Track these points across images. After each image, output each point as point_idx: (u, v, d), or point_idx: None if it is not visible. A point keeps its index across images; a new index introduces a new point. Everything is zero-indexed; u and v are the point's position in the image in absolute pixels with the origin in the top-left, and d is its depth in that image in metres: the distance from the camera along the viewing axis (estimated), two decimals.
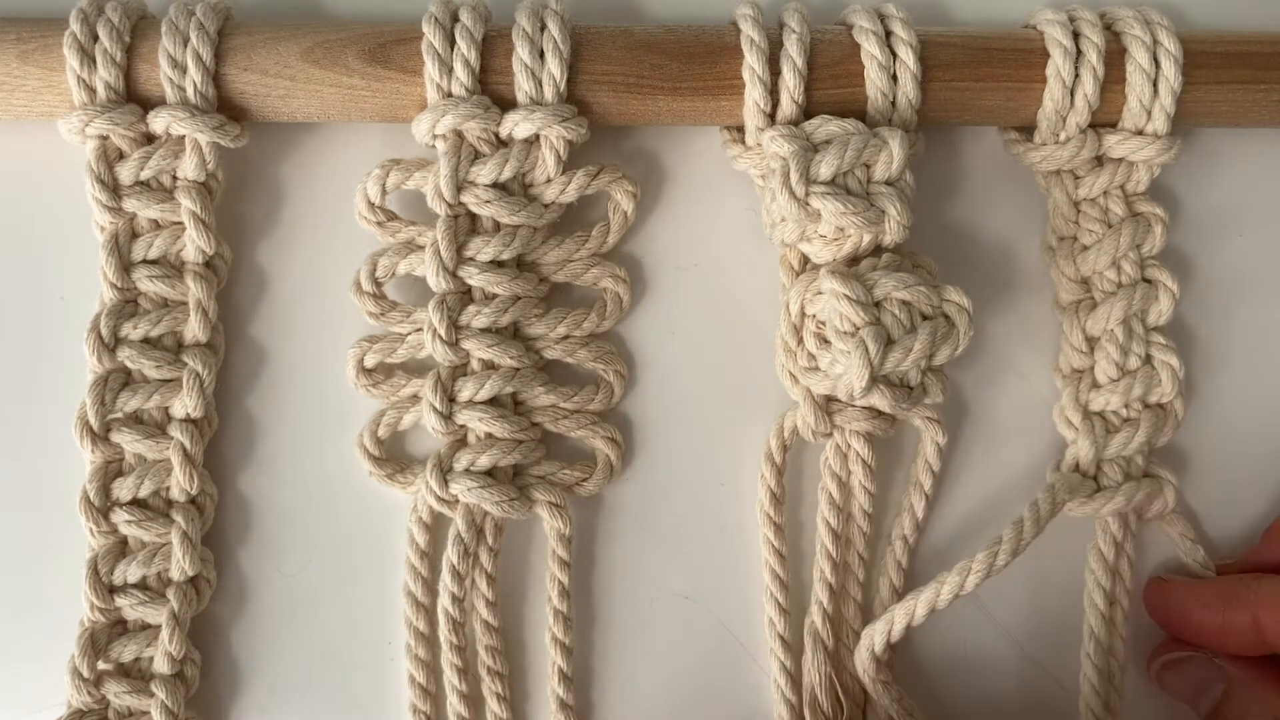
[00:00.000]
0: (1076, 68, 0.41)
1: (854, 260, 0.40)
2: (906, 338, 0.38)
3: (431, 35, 0.40)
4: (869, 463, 0.41)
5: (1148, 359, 0.42)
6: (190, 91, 0.41)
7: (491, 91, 0.41)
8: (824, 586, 0.41)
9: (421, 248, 0.41)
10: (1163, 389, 0.42)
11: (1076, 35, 0.41)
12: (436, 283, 0.41)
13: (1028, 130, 0.43)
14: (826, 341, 0.39)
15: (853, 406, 0.41)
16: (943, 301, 0.38)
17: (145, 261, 0.41)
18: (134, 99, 0.41)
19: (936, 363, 0.38)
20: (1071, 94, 0.41)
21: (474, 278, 0.41)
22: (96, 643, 0.40)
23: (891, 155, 0.39)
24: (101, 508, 0.40)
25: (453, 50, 0.41)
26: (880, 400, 0.38)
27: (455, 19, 0.41)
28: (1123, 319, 0.42)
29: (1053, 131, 0.42)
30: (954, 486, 0.43)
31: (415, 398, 0.42)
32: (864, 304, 0.38)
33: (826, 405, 0.41)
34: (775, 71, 0.41)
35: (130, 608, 0.40)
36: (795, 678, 0.41)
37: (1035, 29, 0.42)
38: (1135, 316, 0.42)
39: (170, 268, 0.42)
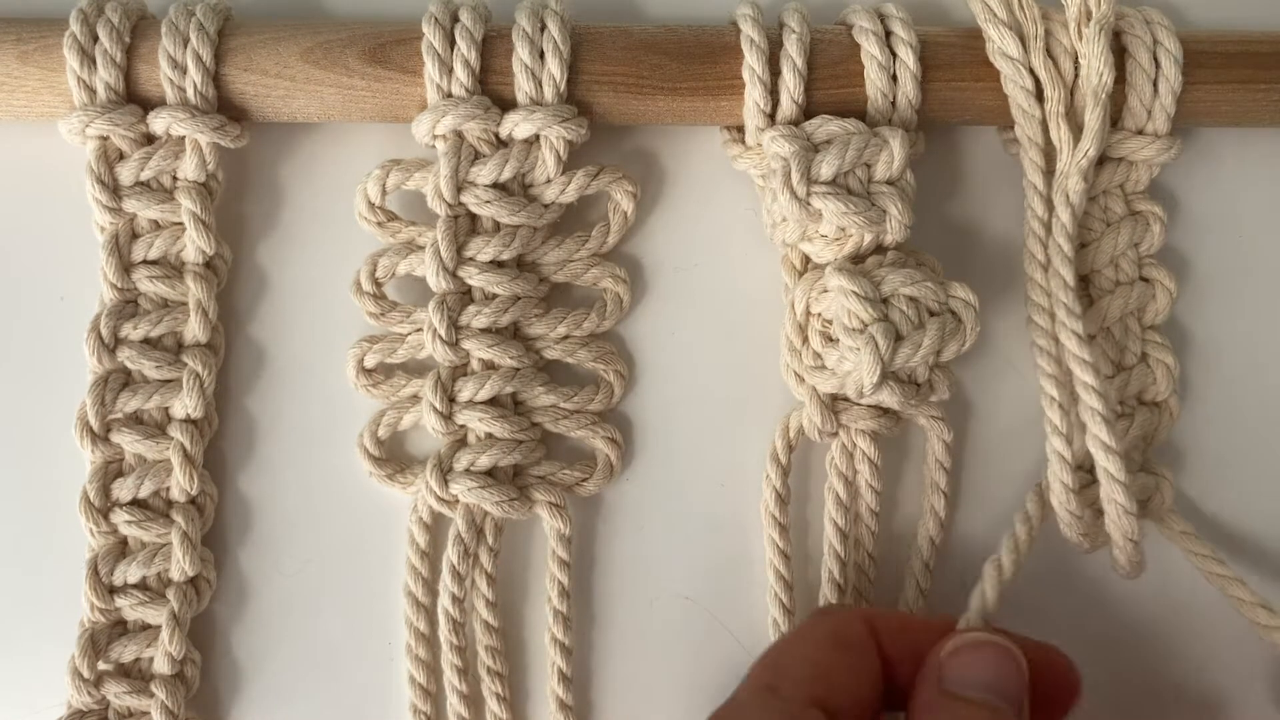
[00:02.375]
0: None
1: (856, 259, 0.40)
2: (915, 333, 0.38)
3: (431, 35, 0.40)
4: (876, 462, 0.41)
5: (1143, 357, 0.42)
6: (190, 92, 0.41)
7: (491, 91, 0.41)
8: (832, 586, 0.41)
9: (421, 248, 0.41)
10: (1158, 387, 0.42)
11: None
12: (436, 283, 0.41)
13: None
14: (832, 340, 0.39)
15: (859, 405, 0.41)
16: (949, 298, 0.38)
17: (145, 262, 0.41)
18: (134, 99, 0.41)
19: (944, 359, 0.38)
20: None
21: (474, 278, 0.41)
22: (96, 643, 0.40)
23: (892, 155, 0.39)
24: (101, 508, 0.40)
25: (453, 50, 0.41)
26: (889, 397, 0.38)
27: (455, 19, 0.41)
28: (1119, 317, 0.42)
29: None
30: (958, 485, 0.42)
31: (415, 398, 0.42)
32: (872, 300, 0.38)
33: (832, 404, 0.41)
34: (775, 71, 0.41)
35: (130, 608, 0.40)
36: None
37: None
38: (1132, 315, 0.42)
39: (170, 268, 0.42)
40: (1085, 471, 0.40)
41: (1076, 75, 0.41)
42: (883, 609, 0.37)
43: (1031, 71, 0.41)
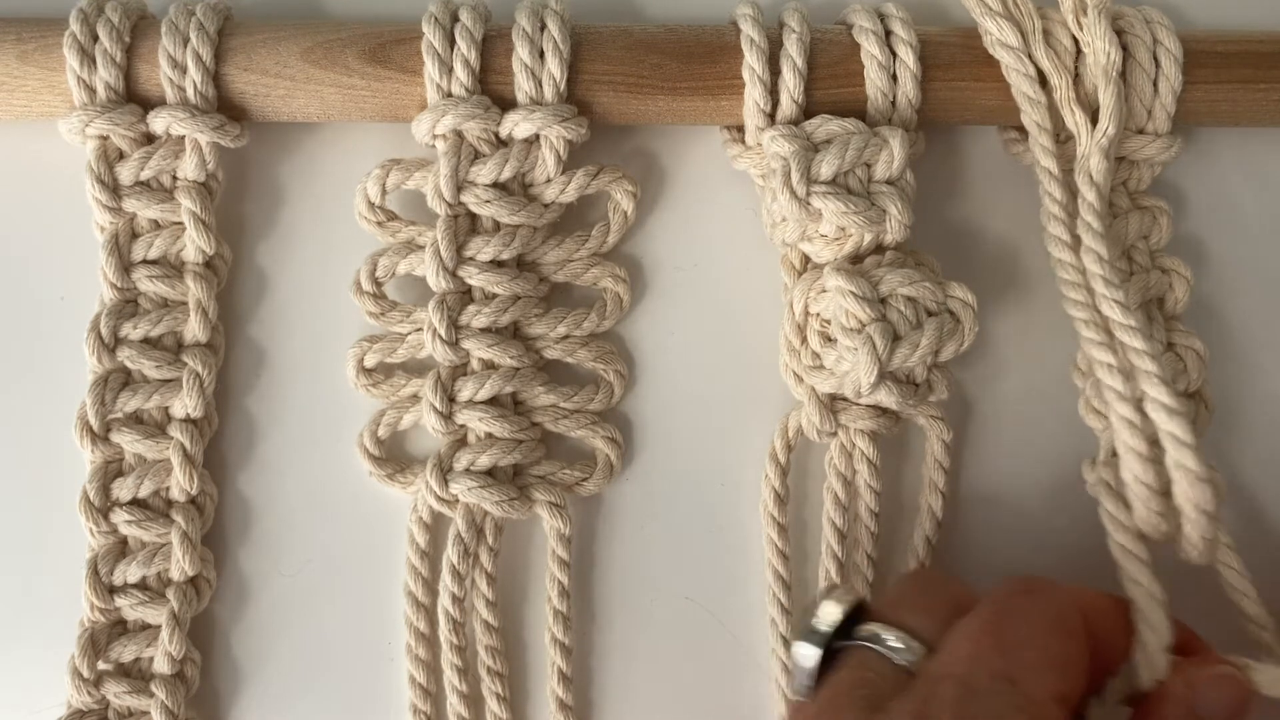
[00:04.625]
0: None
1: (856, 260, 0.40)
2: (913, 334, 0.38)
3: (431, 35, 0.40)
4: (874, 462, 0.41)
5: (1170, 345, 0.42)
6: (190, 92, 0.41)
7: (491, 91, 0.41)
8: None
9: (421, 248, 0.41)
10: (1189, 376, 0.41)
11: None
12: (436, 283, 0.41)
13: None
14: (831, 340, 0.39)
15: (858, 405, 0.41)
16: (947, 298, 0.39)
17: (145, 261, 0.41)
18: (134, 99, 0.41)
19: (942, 359, 0.38)
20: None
21: (474, 277, 0.41)
22: (96, 643, 0.40)
23: (892, 154, 0.39)
24: (101, 508, 0.40)
25: (453, 50, 0.41)
26: (887, 397, 0.38)
27: (455, 19, 0.41)
28: (1140, 303, 0.41)
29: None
30: (959, 485, 0.42)
31: (415, 398, 0.42)
32: (870, 300, 0.38)
33: (831, 404, 0.41)
34: (775, 71, 0.41)
35: (130, 608, 0.40)
36: None
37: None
38: (1153, 304, 0.42)
39: (170, 268, 0.42)
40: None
41: (1078, 71, 0.41)
42: (1081, 588, 0.34)
43: (1033, 60, 0.41)
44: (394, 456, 0.42)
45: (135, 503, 0.40)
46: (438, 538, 0.41)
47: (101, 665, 0.40)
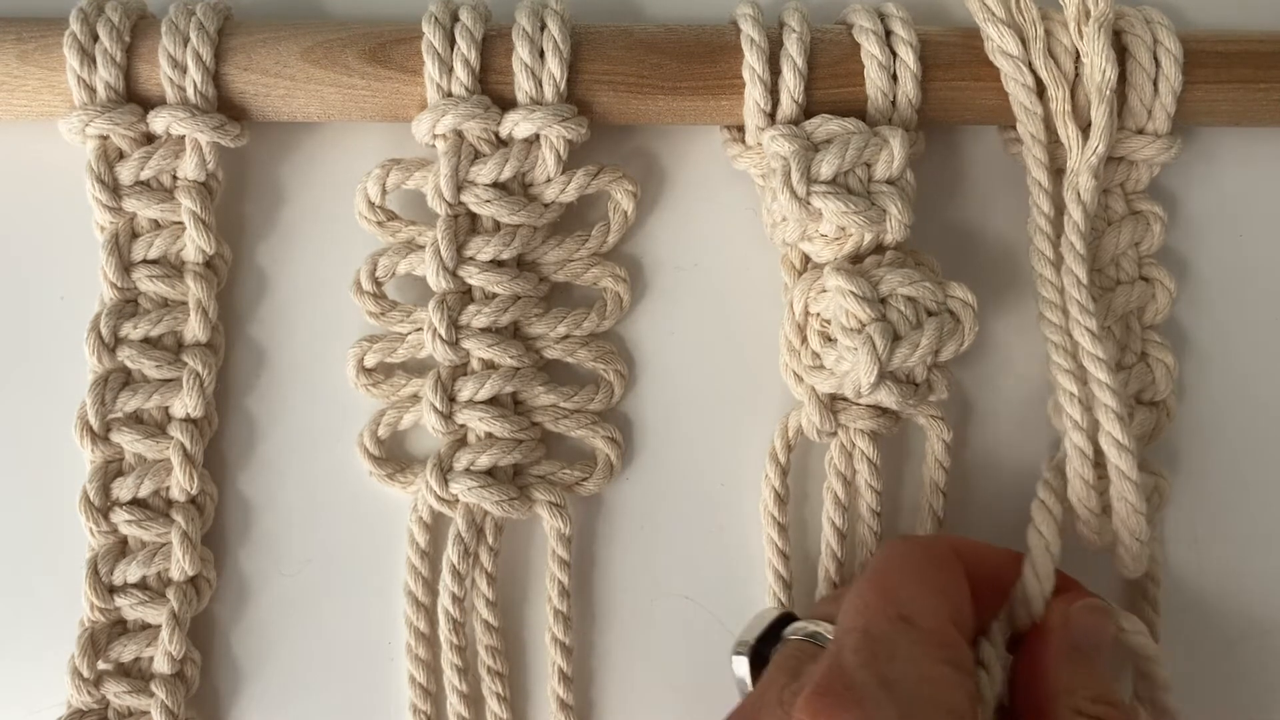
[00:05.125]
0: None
1: (856, 259, 0.40)
2: (913, 333, 0.38)
3: (431, 35, 0.40)
4: (875, 462, 0.41)
5: (1143, 356, 0.42)
6: (190, 91, 0.41)
7: (491, 91, 0.41)
8: (829, 587, 0.41)
9: (421, 247, 0.41)
10: (1156, 387, 0.42)
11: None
12: (436, 282, 0.41)
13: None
14: (831, 340, 0.39)
15: (858, 405, 0.41)
16: (947, 298, 0.39)
17: (145, 261, 0.41)
18: (134, 99, 0.41)
19: (942, 359, 0.38)
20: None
21: (474, 277, 0.41)
22: (96, 643, 0.40)
23: (892, 154, 0.39)
24: (101, 508, 0.40)
25: (453, 50, 0.41)
26: (887, 397, 0.38)
27: (455, 19, 0.41)
28: (1120, 315, 0.42)
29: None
30: (959, 485, 0.42)
31: (415, 397, 0.42)
32: (870, 300, 0.38)
33: (831, 404, 0.41)
34: (775, 71, 0.41)
35: (130, 608, 0.40)
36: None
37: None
38: (1132, 313, 0.42)
39: (170, 268, 0.42)
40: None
41: (1078, 75, 0.41)
42: (955, 536, 0.37)
43: (1032, 69, 0.41)
44: (394, 456, 0.42)
45: (135, 502, 0.40)
46: (438, 538, 0.41)
47: (101, 665, 0.40)
